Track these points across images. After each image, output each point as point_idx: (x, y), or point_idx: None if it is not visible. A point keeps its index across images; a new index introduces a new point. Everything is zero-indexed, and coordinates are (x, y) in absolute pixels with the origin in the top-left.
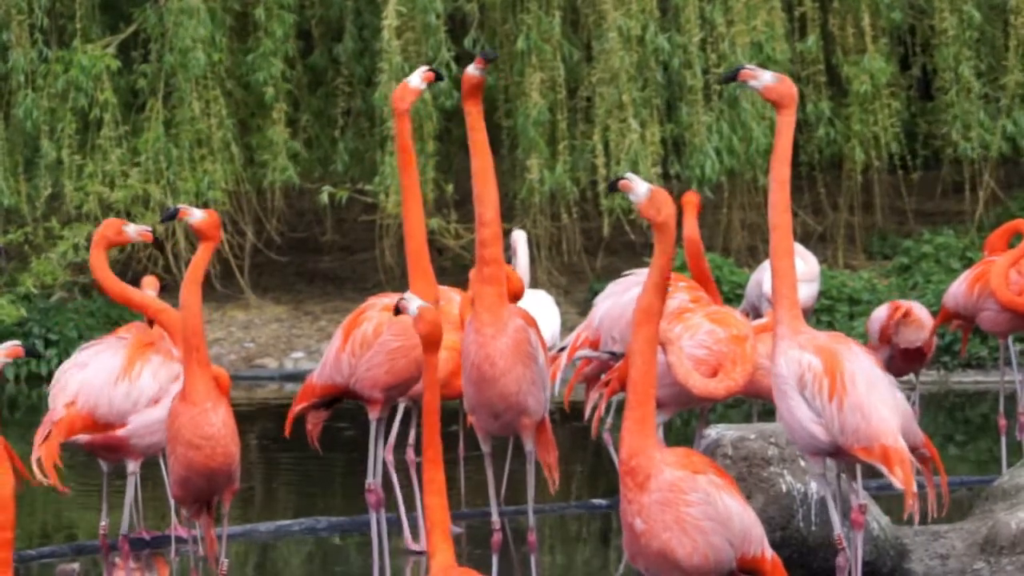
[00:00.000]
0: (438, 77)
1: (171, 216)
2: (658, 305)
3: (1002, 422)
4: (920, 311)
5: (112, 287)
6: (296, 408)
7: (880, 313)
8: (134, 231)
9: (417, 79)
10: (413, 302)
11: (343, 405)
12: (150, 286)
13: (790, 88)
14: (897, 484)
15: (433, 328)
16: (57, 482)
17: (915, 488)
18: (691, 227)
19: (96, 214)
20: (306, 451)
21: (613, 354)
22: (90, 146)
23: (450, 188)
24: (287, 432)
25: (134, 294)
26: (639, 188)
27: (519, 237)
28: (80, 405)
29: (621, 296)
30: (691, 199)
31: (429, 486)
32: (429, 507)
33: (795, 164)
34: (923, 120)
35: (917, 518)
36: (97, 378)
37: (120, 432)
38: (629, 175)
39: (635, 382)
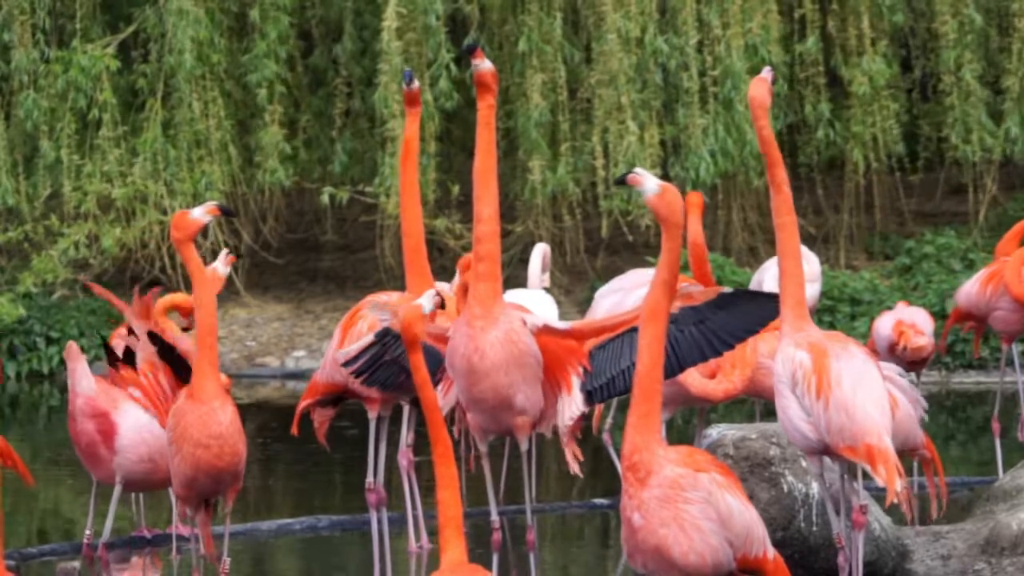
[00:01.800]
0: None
1: (229, 212)
2: (665, 303)
3: (996, 425)
4: (923, 323)
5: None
6: (301, 406)
7: (885, 329)
8: (201, 213)
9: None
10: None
11: (348, 403)
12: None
13: (758, 94)
14: (880, 483)
15: (406, 327)
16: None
17: (898, 488)
18: (696, 230)
19: (95, 213)
20: (308, 450)
21: None
22: (89, 146)
23: (456, 189)
24: (294, 430)
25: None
26: (648, 183)
27: (536, 249)
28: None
29: (629, 293)
30: (695, 200)
31: (442, 481)
32: (442, 502)
33: (796, 166)
34: (925, 122)
35: (929, 511)
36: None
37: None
38: (638, 170)
39: (641, 379)
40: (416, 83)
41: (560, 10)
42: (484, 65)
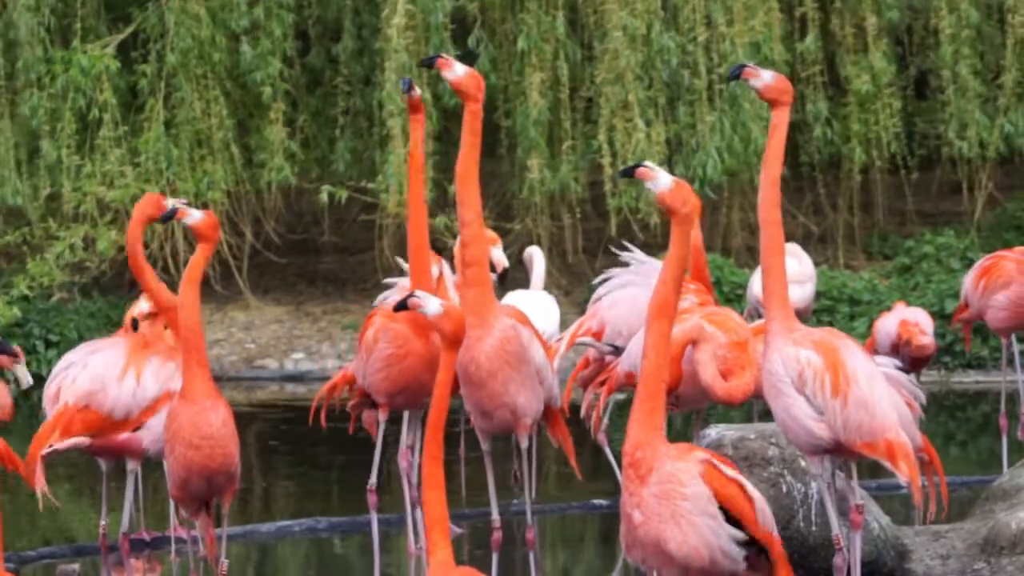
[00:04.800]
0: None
1: (169, 216)
2: (673, 300)
3: (1003, 421)
4: (926, 323)
5: (137, 263)
6: (349, 406)
7: (890, 328)
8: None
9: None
10: (431, 301)
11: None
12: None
13: (787, 86)
14: (902, 479)
15: (458, 327)
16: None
17: (921, 483)
18: (696, 233)
19: (94, 214)
20: (307, 451)
21: (615, 348)
22: (89, 146)
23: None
24: (351, 430)
25: (150, 280)
26: (662, 177)
27: (535, 253)
28: (92, 405)
29: (640, 292)
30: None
31: (428, 481)
32: (428, 503)
33: (795, 164)
34: (921, 120)
35: (929, 512)
36: (104, 377)
37: (137, 433)
38: (648, 163)
39: (647, 376)
40: (417, 91)
41: (561, 8)
42: (453, 73)
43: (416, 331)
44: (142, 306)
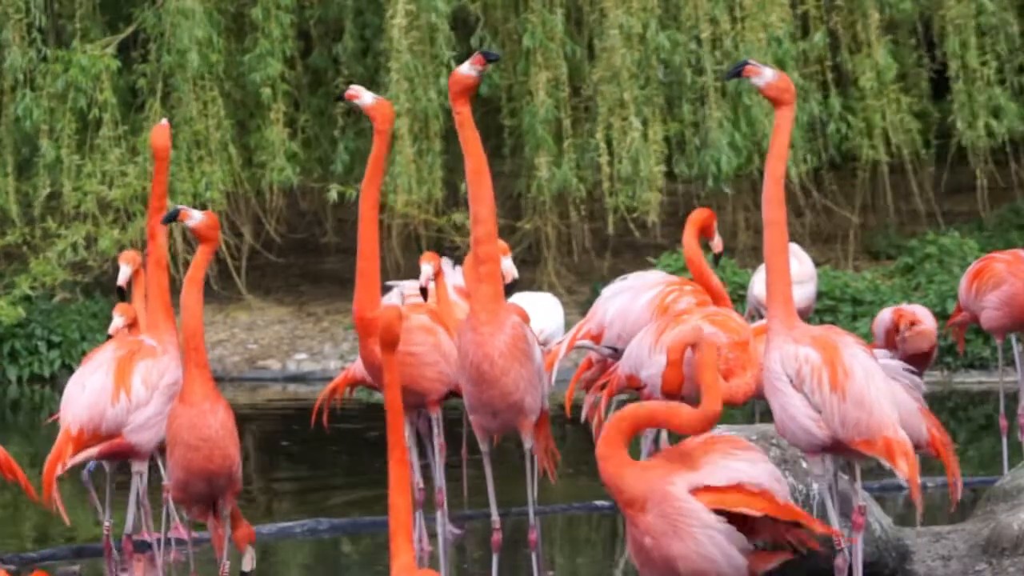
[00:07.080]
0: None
1: (172, 217)
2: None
3: (1003, 422)
4: (926, 317)
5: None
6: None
7: (885, 319)
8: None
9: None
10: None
11: (361, 407)
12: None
13: (788, 84)
14: (901, 478)
15: (387, 328)
16: (60, 503)
17: (920, 481)
18: (690, 244)
19: (94, 214)
20: (309, 452)
21: (614, 349)
22: (89, 146)
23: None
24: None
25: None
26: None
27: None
28: (94, 430)
29: (638, 294)
30: (697, 216)
31: (396, 485)
32: (394, 507)
33: (807, 162)
34: (932, 115)
35: (921, 512)
36: (99, 402)
37: (121, 440)
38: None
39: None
40: (367, 98)
41: (562, 6)
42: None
43: (360, 336)
44: (116, 322)
